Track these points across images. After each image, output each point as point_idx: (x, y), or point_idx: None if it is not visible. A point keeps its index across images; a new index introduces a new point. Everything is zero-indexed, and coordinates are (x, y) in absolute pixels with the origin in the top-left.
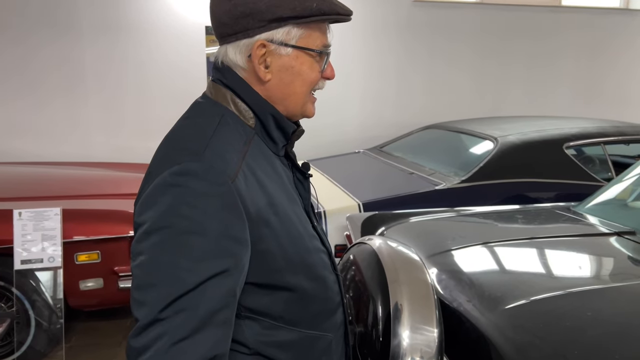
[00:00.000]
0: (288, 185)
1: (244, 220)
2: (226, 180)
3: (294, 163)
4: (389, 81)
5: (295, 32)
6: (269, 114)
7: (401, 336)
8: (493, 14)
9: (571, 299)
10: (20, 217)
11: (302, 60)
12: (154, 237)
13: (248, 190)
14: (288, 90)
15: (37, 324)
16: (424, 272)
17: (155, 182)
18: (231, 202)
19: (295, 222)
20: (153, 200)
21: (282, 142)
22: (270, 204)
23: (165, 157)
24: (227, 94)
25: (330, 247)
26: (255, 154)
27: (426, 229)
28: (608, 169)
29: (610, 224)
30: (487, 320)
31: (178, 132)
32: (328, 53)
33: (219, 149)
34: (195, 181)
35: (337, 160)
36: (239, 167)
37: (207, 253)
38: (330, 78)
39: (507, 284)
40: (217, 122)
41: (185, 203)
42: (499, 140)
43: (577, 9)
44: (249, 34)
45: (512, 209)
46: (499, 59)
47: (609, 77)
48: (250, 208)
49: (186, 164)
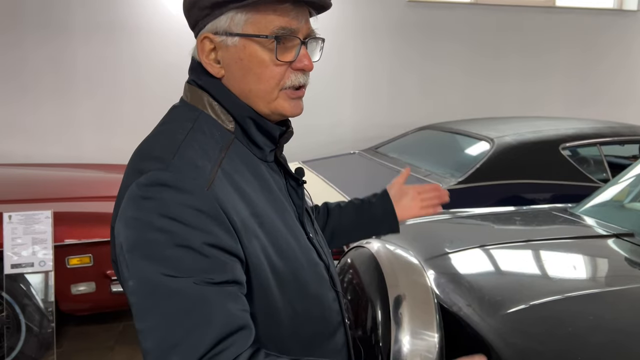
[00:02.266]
0: (277, 194)
1: (231, 230)
2: (200, 188)
3: (286, 169)
4: (383, 82)
5: (240, 17)
6: (247, 117)
7: (401, 342)
8: (487, 14)
9: (572, 302)
10: (10, 221)
11: (251, 50)
12: (137, 259)
13: (228, 199)
14: (243, 87)
15: (28, 328)
16: (423, 276)
17: (127, 195)
18: (211, 210)
19: (285, 234)
20: (126, 217)
21: (269, 146)
22: (254, 214)
23: (133, 167)
24: (203, 97)
25: (330, 260)
26: (234, 161)
27: (423, 231)
28: (604, 169)
29: (608, 226)
30: (488, 325)
31: (148, 141)
32: (287, 38)
33: (189, 156)
34: (167, 191)
35: (332, 161)
36: (214, 174)
37: (198, 264)
38: (305, 69)
39: (507, 287)
40: (190, 127)
41: (161, 215)
42: (495, 141)
43: (570, 9)
44: (199, 26)
45: (510, 211)
46: (493, 59)
47: (602, 77)
48: (234, 217)
49: (153, 173)
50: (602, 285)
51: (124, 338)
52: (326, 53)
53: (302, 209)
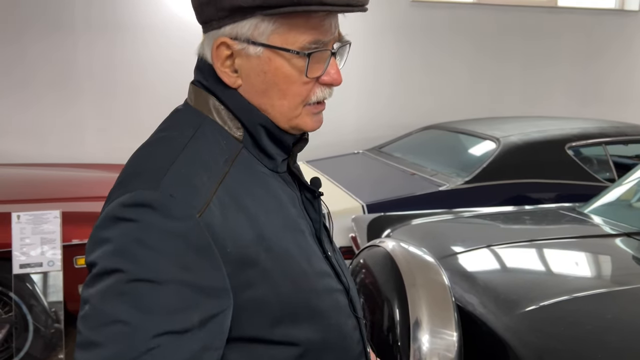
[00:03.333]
0: (290, 210)
1: (219, 265)
2: (190, 214)
3: (300, 180)
4: (386, 81)
5: (266, 26)
6: (259, 124)
7: (421, 340)
8: (490, 14)
9: (588, 301)
10: (18, 221)
11: (277, 64)
12: (101, 284)
13: (226, 224)
14: (263, 101)
15: (35, 329)
16: (440, 275)
17: (104, 213)
18: (198, 242)
19: (297, 257)
20: (100, 237)
21: (282, 156)
22: (260, 237)
23: (119, 182)
24: (208, 100)
25: (350, 281)
26: (241, 174)
27: (434, 231)
28: (609, 169)
29: (617, 225)
30: (504, 324)
31: (141, 151)
32: (317, 53)
33: (185, 171)
34: (150, 214)
35: (337, 161)
36: (213, 194)
37: (162, 306)
38: (333, 84)
39: (521, 286)
40: (191, 135)
41: (136, 241)
42: (501, 140)
43: (572, 9)
44: (213, 25)
45: (518, 211)
46: (496, 58)
47: (604, 77)
48: (229, 247)
49: (138, 192)
50: (616, 284)
51: None
52: None
53: (319, 224)
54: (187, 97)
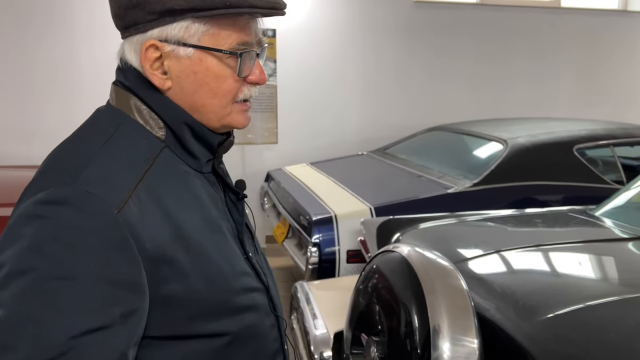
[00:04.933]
0: (211, 211)
1: (137, 260)
2: (108, 210)
3: (225, 181)
4: (390, 83)
5: (197, 27)
6: (183, 122)
7: (441, 349)
8: (493, 14)
9: (610, 307)
10: None
11: (208, 64)
12: (14, 285)
13: (144, 222)
14: (194, 101)
15: None
16: (459, 280)
17: (17, 212)
18: (115, 238)
19: (216, 257)
20: (12, 236)
21: (206, 156)
22: (178, 236)
23: (35, 179)
24: (129, 99)
25: (271, 281)
26: (162, 173)
27: (445, 234)
28: (617, 171)
29: (631, 228)
30: (524, 331)
31: (59, 148)
32: (247, 53)
33: (103, 169)
34: (66, 211)
35: (341, 162)
36: (131, 191)
37: (80, 303)
38: (258, 83)
39: (539, 292)
40: (111, 133)
41: (52, 239)
42: (508, 142)
43: (576, 10)
44: (139, 29)
45: (528, 213)
46: (499, 59)
47: (608, 78)
48: (146, 243)
49: (55, 190)
50: (636, 289)
51: None
52: (332, 54)
53: (242, 226)
54: (109, 98)
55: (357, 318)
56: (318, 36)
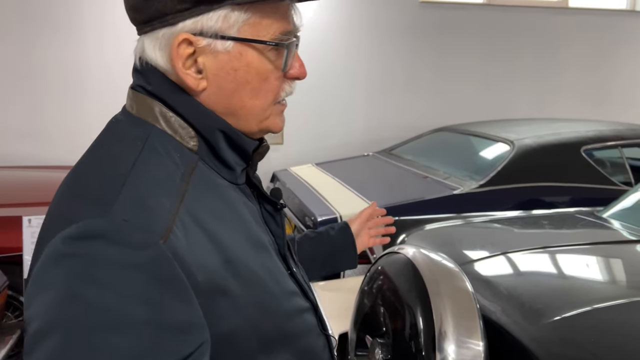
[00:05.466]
0: (252, 226)
1: (190, 297)
2: (153, 241)
3: (260, 192)
4: (396, 83)
5: (237, 16)
6: (218, 129)
7: (446, 351)
8: (500, 15)
9: (618, 310)
10: (30, 224)
11: (249, 59)
12: (50, 342)
13: (191, 249)
14: (232, 103)
15: None
16: (464, 282)
17: (45, 251)
18: (164, 273)
19: (266, 279)
20: (42, 283)
21: (241, 165)
22: (226, 261)
23: (59, 211)
24: (153, 106)
25: (316, 297)
26: (200, 190)
27: (450, 236)
28: (626, 172)
29: (639, 230)
30: (530, 334)
31: (79, 171)
32: (291, 44)
33: (140, 192)
34: (104, 247)
35: (346, 163)
36: (174, 215)
37: (135, 357)
38: (299, 77)
39: (546, 295)
40: (139, 150)
41: (89, 281)
42: (515, 143)
43: (583, 10)
44: (167, 21)
45: (536, 215)
46: (506, 60)
47: (616, 78)
48: (198, 275)
49: (88, 221)
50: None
51: None
52: (338, 54)
53: (282, 239)
54: (126, 105)
55: (361, 319)
56: (324, 37)
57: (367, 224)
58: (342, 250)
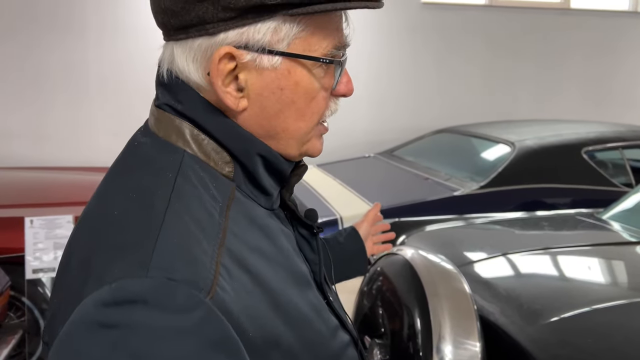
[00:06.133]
0: (293, 257)
1: (245, 357)
2: (200, 299)
3: (295, 215)
4: (397, 84)
5: (288, 29)
6: (257, 154)
7: (444, 352)
8: (502, 16)
9: (616, 312)
10: (32, 225)
11: (298, 77)
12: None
13: (239, 300)
14: (274, 125)
15: None
16: (462, 283)
17: (73, 316)
18: (216, 334)
19: (314, 319)
20: (72, 354)
21: (276, 189)
22: (275, 306)
23: (87, 262)
24: (184, 129)
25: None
26: (240, 225)
27: (450, 237)
28: (627, 174)
29: (639, 232)
30: (528, 335)
31: (106, 206)
32: (344, 60)
33: (179, 239)
34: (145, 314)
35: (347, 164)
36: (217, 262)
37: None
38: (346, 95)
39: (545, 296)
40: (172, 183)
41: (135, 356)
42: (516, 145)
43: (585, 11)
44: (207, 30)
45: (535, 216)
46: (508, 61)
47: (618, 79)
48: (249, 330)
49: (122, 282)
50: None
51: None
52: None
53: (318, 266)
54: (150, 125)
55: (360, 320)
56: None
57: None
58: (352, 258)
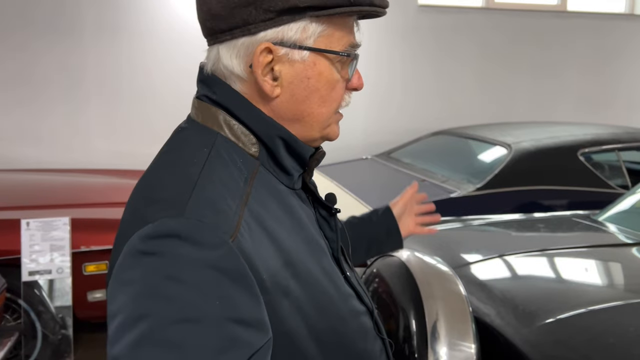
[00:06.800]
0: (310, 229)
1: (256, 294)
2: (223, 240)
3: (315, 196)
4: (394, 86)
5: (314, 28)
6: (278, 137)
7: (439, 353)
8: (499, 18)
9: (610, 313)
10: (28, 227)
11: (321, 68)
12: (131, 335)
13: (256, 249)
14: (301, 110)
15: (44, 336)
16: (457, 285)
17: (124, 250)
18: (235, 271)
19: (324, 282)
20: (122, 279)
21: (298, 171)
22: (287, 263)
23: (135, 213)
24: (218, 115)
25: (371, 302)
26: (262, 193)
27: (447, 239)
28: (622, 175)
29: (633, 233)
30: (523, 336)
31: (151, 176)
32: (357, 55)
33: (209, 195)
34: (179, 245)
35: (345, 166)
36: (240, 217)
37: (207, 349)
38: (357, 88)
39: (540, 297)
40: (206, 156)
41: (166, 278)
42: (512, 147)
43: (582, 14)
44: (249, 30)
45: (531, 218)
46: (505, 63)
47: (614, 82)
48: (263, 274)
49: (162, 221)
50: (636, 295)
51: None
52: None
53: (336, 244)
54: (191, 113)
55: None
56: None
57: (412, 209)
58: (387, 236)
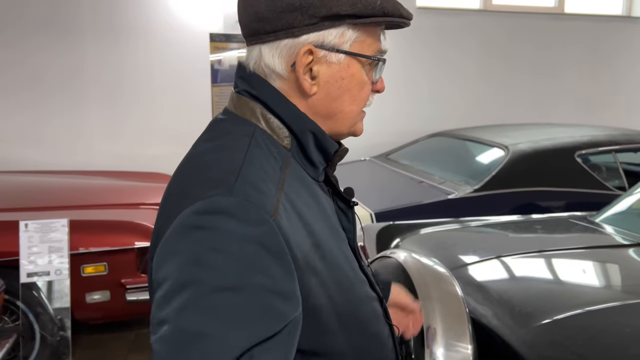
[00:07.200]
0: (332, 218)
1: (292, 270)
2: (266, 218)
3: (335, 189)
4: (393, 88)
5: (351, 34)
6: (309, 131)
7: (436, 354)
8: (496, 20)
9: (607, 314)
10: (26, 229)
11: (354, 70)
12: (178, 300)
13: (291, 229)
14: (334, 107)
15: (42, 337)
16: (454, 286)
17: (174, 224)
18: (275, 246)
19: (345, 265)
20: (172, 249)
21: (323, 164)
22: (316, 245)
23: (184, 191)
24: (255, 108)
25: (380, 291)
26: (294, 181)
27: (444, 240)
28: (620, 177)
29: (630, 235)
30: (520, 337)
31: (198, 159)
32: (385, 60)
33: (252, 178)
34: (226, 221)
35: (343, 168)
36: (278, 200)
37: (247, 316)
38: (380, 91)
39: (536, 298)
40: (248, 143)
41: (214, 250)
42: (510, 148)
43: (579, 16)
44: (293, 33)
45: (528, 220)
46: (503, 65)
47: (612, 83)
48: (297, 252)
49: (213, 199)
50: (633, 296)
51: (137, 347)
52: None
53: (352, 234)
54: (229, 106)
55: None
56: None
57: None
58: None
